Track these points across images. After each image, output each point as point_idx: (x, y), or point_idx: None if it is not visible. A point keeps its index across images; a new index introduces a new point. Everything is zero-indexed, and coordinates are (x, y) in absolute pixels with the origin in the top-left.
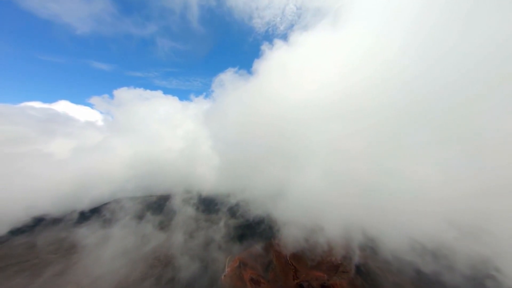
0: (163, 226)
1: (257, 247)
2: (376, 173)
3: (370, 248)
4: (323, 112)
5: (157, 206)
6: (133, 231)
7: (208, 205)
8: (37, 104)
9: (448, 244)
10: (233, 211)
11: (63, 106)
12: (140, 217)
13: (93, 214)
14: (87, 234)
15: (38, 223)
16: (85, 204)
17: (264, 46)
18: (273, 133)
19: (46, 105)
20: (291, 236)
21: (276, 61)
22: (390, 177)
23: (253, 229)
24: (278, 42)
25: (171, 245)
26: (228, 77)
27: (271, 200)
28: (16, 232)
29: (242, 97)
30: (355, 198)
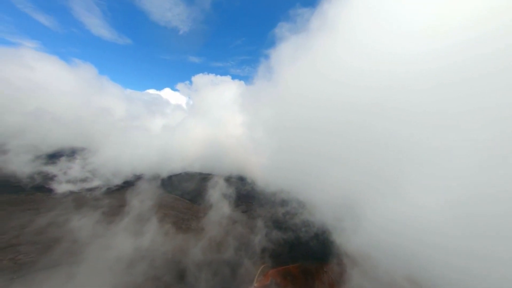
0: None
1: (299, 267)
2: None
3: None
4: (458, 74)
5: (195, 194)
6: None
7: (251, 203)
8: (152, 91)
9: None
10: (279, 219)
11: (166, 92)
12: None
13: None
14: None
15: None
16: (165, 173)
17: None
18: (356, 114)
19: (156, 92)
20: (353, 272)
21: None
22: None
23: (300, 242)
24: None
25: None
26: (286, 44)
27: (335, 213)
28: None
29: (306, 62)
30: None
